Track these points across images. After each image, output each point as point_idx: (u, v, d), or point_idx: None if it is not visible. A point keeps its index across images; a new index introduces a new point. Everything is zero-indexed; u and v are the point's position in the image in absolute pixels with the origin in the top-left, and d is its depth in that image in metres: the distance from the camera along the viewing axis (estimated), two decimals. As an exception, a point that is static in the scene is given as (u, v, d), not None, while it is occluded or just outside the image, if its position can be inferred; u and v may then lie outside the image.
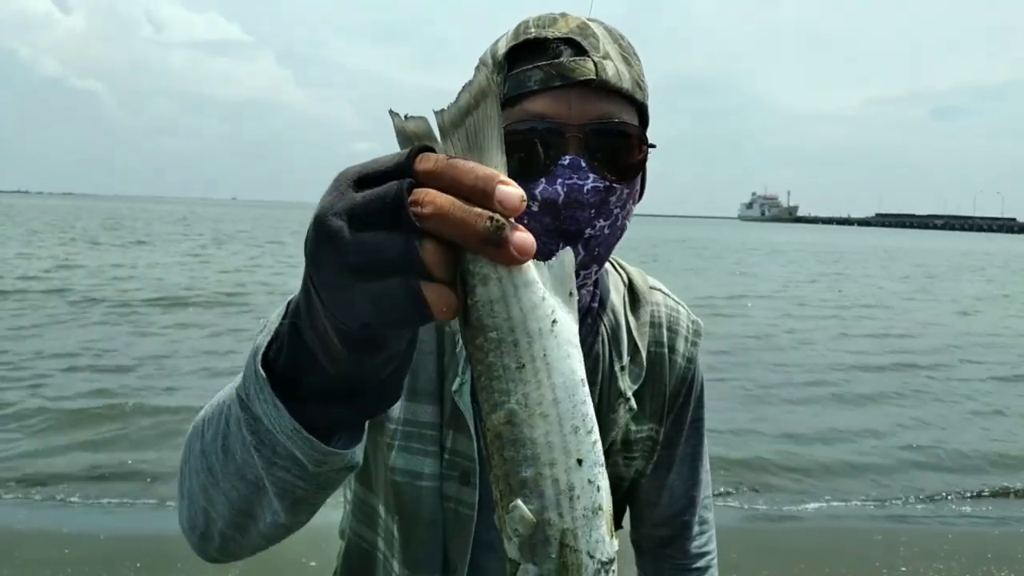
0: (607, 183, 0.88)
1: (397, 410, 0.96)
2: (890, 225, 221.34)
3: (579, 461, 0.46)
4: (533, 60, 0.88)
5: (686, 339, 1.12)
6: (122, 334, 9.21)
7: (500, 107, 0.45)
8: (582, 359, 0.47)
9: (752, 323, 12.09)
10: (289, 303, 0.54)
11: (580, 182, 0.86)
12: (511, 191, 0.42)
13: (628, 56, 0.92)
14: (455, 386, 0.95)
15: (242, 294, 13.23)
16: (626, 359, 1.05)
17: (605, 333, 1.04)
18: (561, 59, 0.87)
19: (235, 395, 0.58)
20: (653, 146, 0.94)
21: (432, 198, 0.41)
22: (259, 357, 0.54)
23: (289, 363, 0.53)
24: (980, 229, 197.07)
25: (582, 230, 0.88)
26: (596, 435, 0.47)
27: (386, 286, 0.41)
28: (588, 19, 0.92)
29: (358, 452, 0.58)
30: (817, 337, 11.03)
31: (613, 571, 0.47)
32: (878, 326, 12.43)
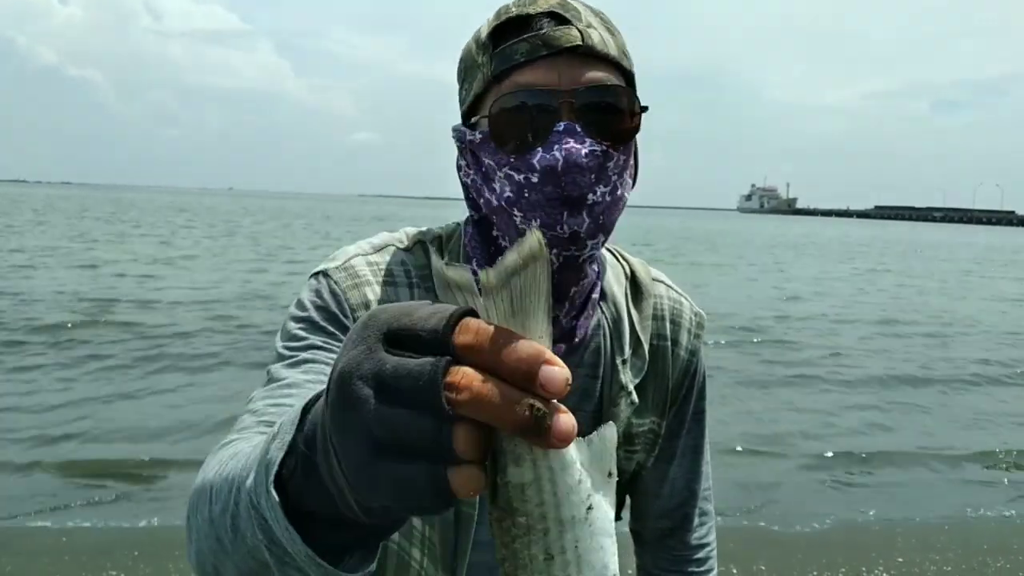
0: (604, 147, 0.88)
1: None
2: (889, 217, 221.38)
3: None
4: (517, 36, 0.88)
5: (689, 332, 1.12)
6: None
7: (550, 273, 0.42)
8: (616, 551, 0.44)
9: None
10: (305, 409, 0.50)
11: (577, 146, 0.86)
12: (556, 373, 0.38)
13: (610, 27, 0.92)
14: None
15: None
16: (628, 352, 1.04)
17: (607, 326, 1.04)
18: (545, 30, 0.87)
19: (247, 492, 0.54)
20: (645, 108, 0.93)
21: (469, 382, 0.38)
22: (272, 476, 0.50)
23: (302, 490, 0.49)
24: (979, 222, 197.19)
25: (584, 196, 0.87)
26: None
27: (410, 471, 0.39)
28: None
29: (373, 566, 0.54)
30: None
31: None
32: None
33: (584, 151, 0.86)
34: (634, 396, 1.04)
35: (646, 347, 1.06)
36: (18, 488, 4.50)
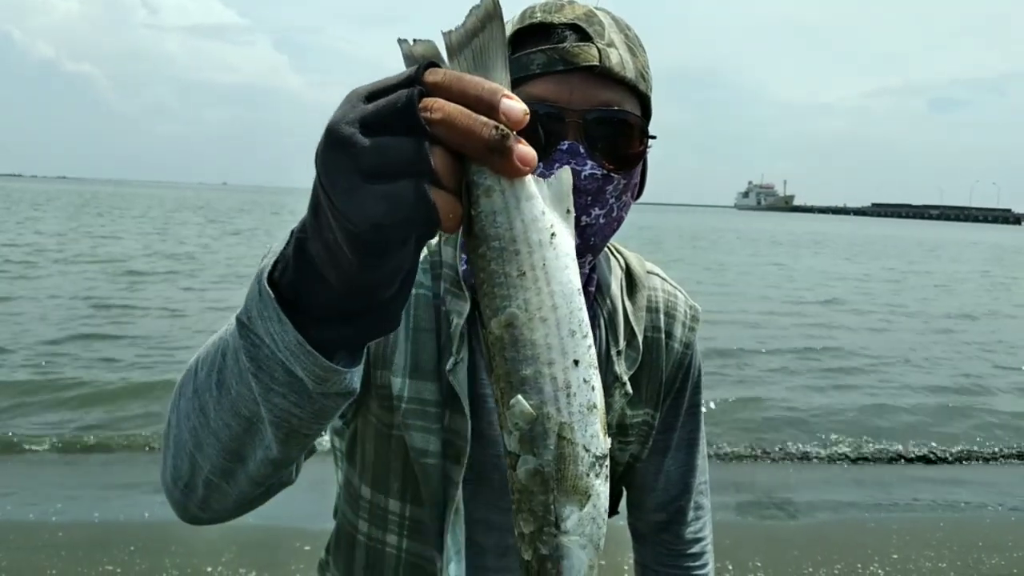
0: (605, 172, 0.87)
1: (404, 388, 0.95)
2: (886, 215, 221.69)
3: (575, 362, 0.48)
4: (537, 44, 0.87)
5: (683, 324, 1.12)
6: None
7: (504, 29, 0.48)
8: (578, 271, 0.50)
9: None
10: (293, 231, 0.54)
11: (578, 168, 0.86)
12: (515, 104, 0.44)
13: (633, 46, 0.91)
14: (449, 365, 0.95)
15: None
16: (622, 344, 1.04)
17: (602, 318, 1.04)
18: (565, 44, 0.86)
19: (234, 323, 0.58)
20: (654, 137, 0.93)
21: (441, 105, 0.43)
22: (264, 277, 0.54)
23: (294, 279, 0.53)
24: (976, 219, 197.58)
25: (578, 218, 0.87)
26: (590, 339, 0.50)
27: (397, 187, 0.43)
28: (595, 7, 0.91)
29: (356, 378, 0.58)
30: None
31: (605, 467, 0.50)
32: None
33: (584, 173, 0.86)
34: (628, 387, 1.04)
35: (640, 339, 1.06)
36: (14, 482, 4.49)
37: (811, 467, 5.42)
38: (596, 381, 0.49)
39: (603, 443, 0.49)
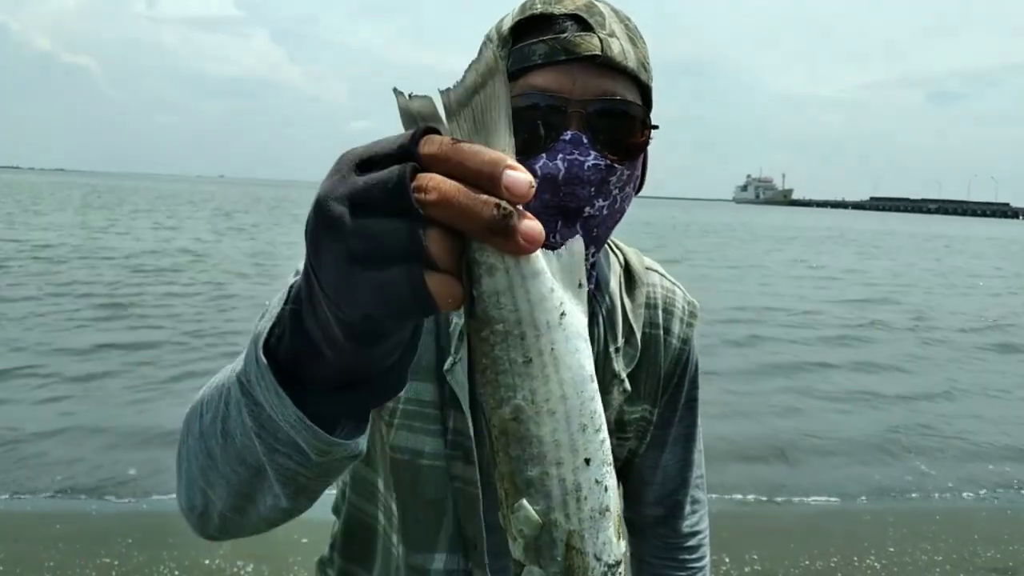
0: (608, 162, 0.87)
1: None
2: (884, 209, 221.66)
3: (587, 460, 0.44)
4: (538, 35, 0.87)
5: (682, 320, 1.12)
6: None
7: (508, 86, 0.43)
8: (591, 354, 0.46)
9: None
10: (291, 288, 0.52)
11: (581, 158, 0.85)
12: (519, 176, 0.40)
13: (634, 37, 0.91)
14: (447, 366, 0.94)
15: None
16: (621, 340, 1.04)
17: (601, 314, 1.04)
18: (566, 34, 0.86)
19: (235, 379, 0.56)
20: (656, 127, 0.93)
21: (436, 184, 0.39)
22: (260, 343, 0.52)
23: (291, 351, 0.51)
24: (974, 214, 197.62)
25: (581, 208, 0.87)
26: (604, 433, 0.45)
27: (389, 275, 0.40)
28: None
29: (362, 442, 0.56)
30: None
31: (620, 573, 0.46)
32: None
33: (588, 164, 0.85)
34: (626, 384, 1.04)
35: (638, 335, 1.06)
36: (10, 476, 4.50)
37: (808, 459, 5.43)
38: (611, 479, 0.46)
39: (616, 549, 0.46)
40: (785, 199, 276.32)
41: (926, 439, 5.97)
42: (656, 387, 1.09)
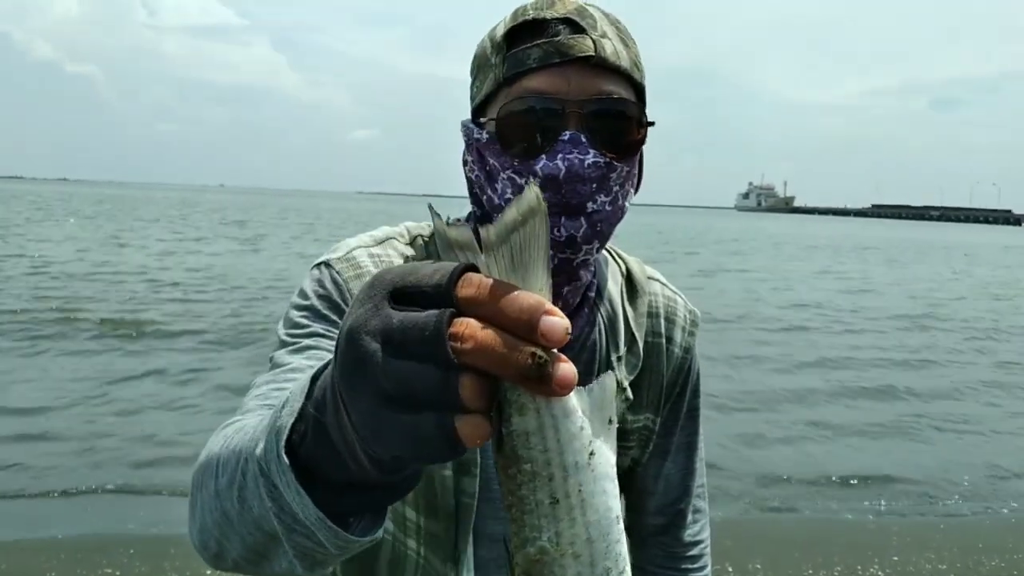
0: (607, 159, 0.88)
1: None
2: (886, 216, 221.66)
3: None
4: (531, 40, 0.88)
5: (683, 329, 1.12)
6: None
7: (548, 226, 0.43)
8: (618, 493, 0.46)
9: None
10: (313, 378, 0.51)
11: (580, 157, 0.87)
12: (556, 323, 0.39)
13: (625, 38, 0.92)
14: None
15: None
16: (623, 349, 1.04)
17: (602, 323, 1.04)
18: (559, 37, 0.87)
19: (255, 458, 0.55)
20: (652, 124, 0.94)
21: (473, 332, 0.39)
22: (283, 441, 0.51)
23: (313, 454, 0.50)
24: (976, 220, 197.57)
25: (584, 204, 0.88)
26: (628, 574, 0.45)
27: (418, 421, 0.40)
28: (585, 3, 0.92)
29: (379, 532, 0.55)
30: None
31: None
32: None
33: (588, 162, 0.87)
34: (628, 393, 1.04)
35: (640, 344, 1.06)
36: (13, 485, 4.49)
37: (811, 469, 5.41)
38: None
39: None
40: (787, 206, 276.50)
41: (931, 446, 5.96)
42: (658, 396, 1.09)
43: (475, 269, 0.42)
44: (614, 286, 1.07)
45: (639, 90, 0.94)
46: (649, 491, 1.16)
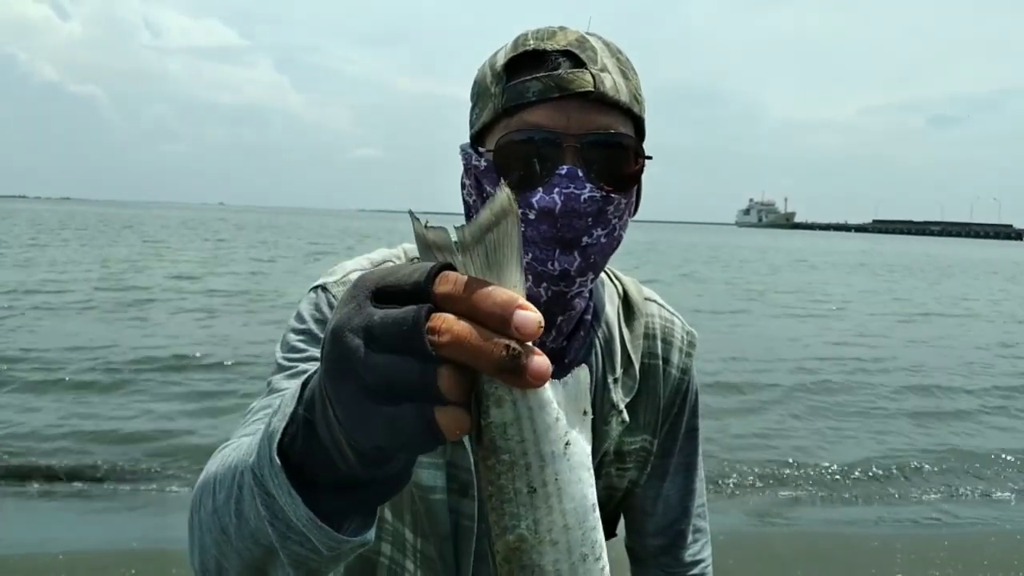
0: (604, 193, 0.89)
1: None
2: (887, 231, 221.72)
3: None
4: (532, 72, 0.88)
5: (680, 350, 1.13)
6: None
7: (520, 227, 0.45)
8: (594, 482, 0.47)
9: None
10: (304, 384, 0.53)
11: (577, 191, 0.87)
12: (529, 317, 0.41)
13: (626, 70, 0.92)
14: None
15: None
16: (619, 371, 1.05)
17: (599, 345, 1.04)
18: (559, 71, 0.87)
19: (249, 468, 0.57)
20: (649, 158, 0.94)
21: (449, 326, 0.41)
22: (275, 444, 0.53)
23: (304, 454, 0.52)
24: (977, 235, 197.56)
25: (579, 238, 0.89)
26: (604, 561, 0.47)
27: (399, 412, 0.42)
28: (587, 33, 0.92)
29: (370, 534, 0.57)
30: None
31: None
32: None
33: (584, 196, 0.87)
34: (624, 415, 1.04)
35: (637, 366, 1.07)
36: (15, 507, 4.48)
37: (815, 485, 5.39)
38: None
39: None
40: (788, 222, 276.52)
41: (936, 463, 5.93)
42: (656, 417, 1.10)
43: (452, 268, 0.44)
44: (611, 308, 1.08)
45: (638, 122, 0.94)
46: (648, 512, 1.16)
